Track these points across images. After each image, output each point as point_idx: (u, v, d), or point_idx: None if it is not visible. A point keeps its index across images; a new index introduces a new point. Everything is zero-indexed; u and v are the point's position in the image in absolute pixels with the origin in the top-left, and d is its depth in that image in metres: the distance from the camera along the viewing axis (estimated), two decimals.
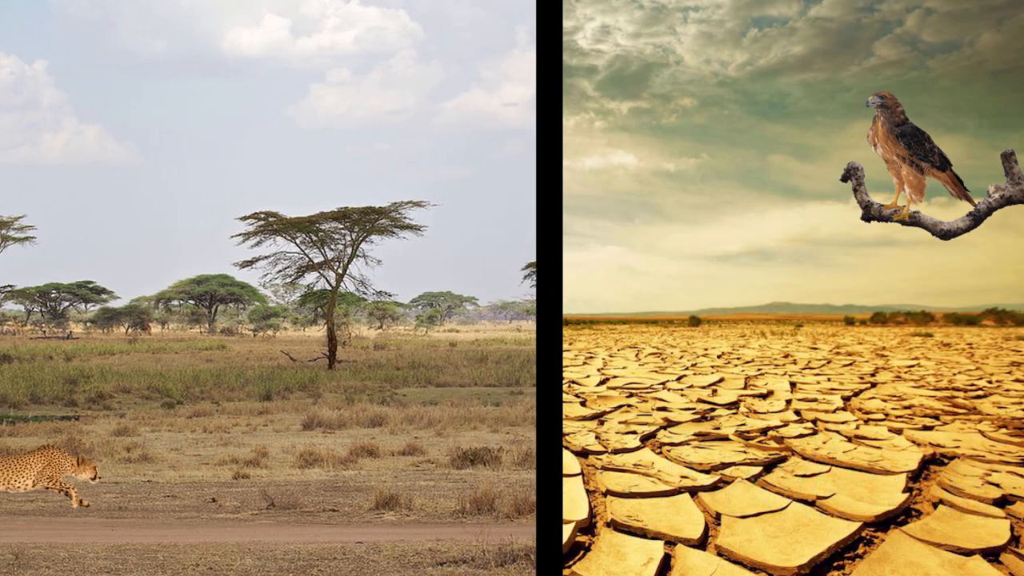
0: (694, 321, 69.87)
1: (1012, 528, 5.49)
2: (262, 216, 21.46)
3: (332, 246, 21.72)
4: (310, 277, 21.98)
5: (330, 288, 21.76)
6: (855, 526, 5.50)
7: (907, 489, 6.46)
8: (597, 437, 8.72)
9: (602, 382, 14.77)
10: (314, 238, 21.62)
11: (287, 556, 6.63)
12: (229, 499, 9.07)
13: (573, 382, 14.77)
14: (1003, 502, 6.13)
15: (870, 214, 7.35)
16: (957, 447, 8.18)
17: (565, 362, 19.91)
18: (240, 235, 21.50)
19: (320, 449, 11.33)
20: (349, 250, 21.63)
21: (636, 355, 23.53)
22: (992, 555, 5.06)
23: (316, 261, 21.70)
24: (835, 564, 5.01)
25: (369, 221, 21.50)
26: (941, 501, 6.15)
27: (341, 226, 21.63)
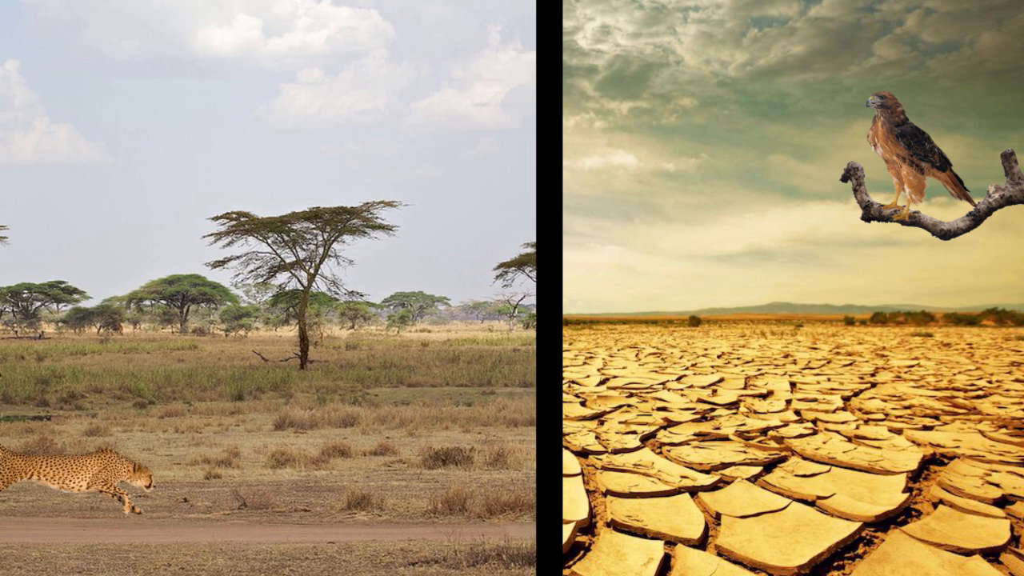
0: (694, 321, 69.86)
1: (1012, 528, 5.50)
2: (234, 216, 21.53)
3: (304, 246, 21.85)
4: (282, 277, 22.11)
5: (302, 288, 21.89)
6: (855, 526, 5.50)
7: (907, 489, 6.46)
8: (597, 437, 8.72)
9: (602, 382, 14.78)
10: (286, 238, 21.73)
11: (259, 556, 6.63)
12: (201, 499, 9.06)
13: (573, 382, 14.77)
14: (1003, 502, 6.13)
15: (870, 214, 7.35)
16: (957, 447, 8.18)
17: (565, 362, 19.92)
18: (212, 235, 21.56)
19: (292, 449, 11.33)
20: (321, 250, 21.78)
21: (636, 355, 23.54)
22: (992, 555, 5.06)
23: (288, 261, 21.83)
24: (835, 564, 5.01)
25: (341, 221, 21.64)
26: (941, 501, 6.15)
27: (313, 226, 21.78)
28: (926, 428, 9.48)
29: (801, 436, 8.86)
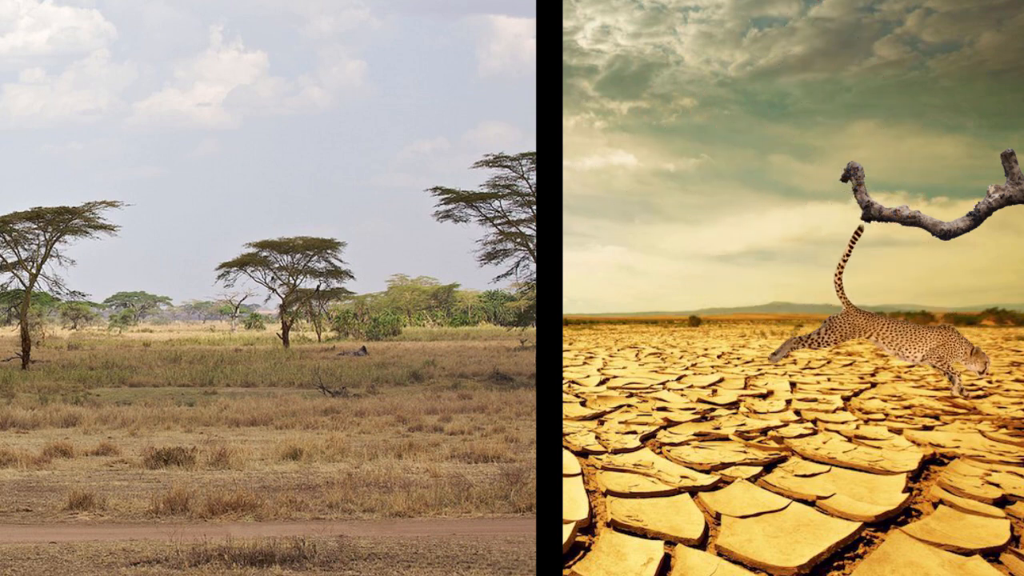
0: (694, 321, 69.88)
1: (1012, 528, 5.50)
2: None
3: (25, 246, 22.06)
4: (3, 277, 22.45)
5: (24, 288, 21.97)
6: (855, 526, 5.50)
7: (907, 489, 6.46)
8: (597, 437, 8.73)
9: (602, 382, 14.78)
10: (7, 238, 21.96)
11: None
12: None
13: (573, 382, 14.77)
14: (1003, 502, 6.13)
15: (870, 214, 7.35)
16: (957, 447, 8.18)
17: (565, 362, 19.92)
18: None
19: (14, 449, 11.26)
20: (43, 250, 21.94)
21: (636, 355, 23.54)
22: (992, 555, 5.06)
23: (9, 261, 21.98)
24: (835, 564, 5.01)
25: (63, 221, 21.92)
26: (941, 501, 6.16)
27: (35, 226, 22.04)
28: (926, 428, 9.48)
29: (801, 436, 8.86)
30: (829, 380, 15.43)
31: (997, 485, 6.59)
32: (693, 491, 6.41)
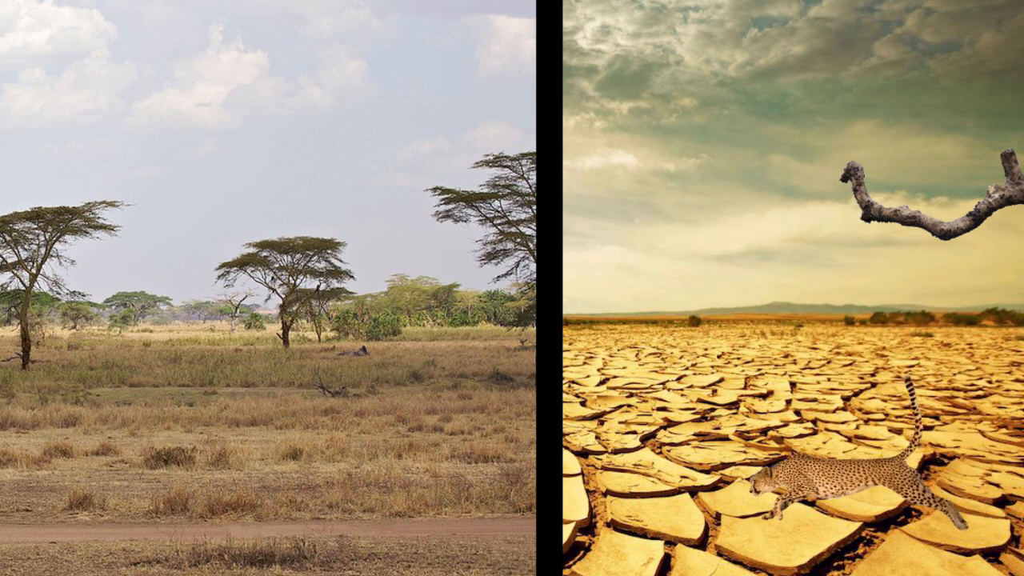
0: (694, 321, 69.93)
1: (1012, 528, 5.50)
2: None
3: (25, 246, 22.08)
4: (3, 277, 22.37)
5: (24, 288, 21.98)
6: (855, 526, 5.50)
7: None
8: (597, 437, 8.73)
9: (602, 382, 14.78)
10: (7, 238, 21.94)
11: None
12: None
13: (573, 382, 14.77)
14: (1003, 502, 6.13)
15: (870, 214, 7.35)
16: (957, 447, 8.18)
17: (565, 362, 19.92)
18: None
19: (14, 449, 11.20)
20: (43, 250, 21.96)
21: (636, 355, 23.54)
22: (992, 555, 5.06)
23: (9, 261, 21.99)
24: (835, 564, 5.01)
25: (63, 221, 21.94)
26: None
27: (35, 226, 22.04)
28: (926, 428, 9.48)
29: (801, 436, 8.87)
30: (829, 380, 15.43)
31: (997, 485, 6.59)
32: (693, 491, 6.41)
